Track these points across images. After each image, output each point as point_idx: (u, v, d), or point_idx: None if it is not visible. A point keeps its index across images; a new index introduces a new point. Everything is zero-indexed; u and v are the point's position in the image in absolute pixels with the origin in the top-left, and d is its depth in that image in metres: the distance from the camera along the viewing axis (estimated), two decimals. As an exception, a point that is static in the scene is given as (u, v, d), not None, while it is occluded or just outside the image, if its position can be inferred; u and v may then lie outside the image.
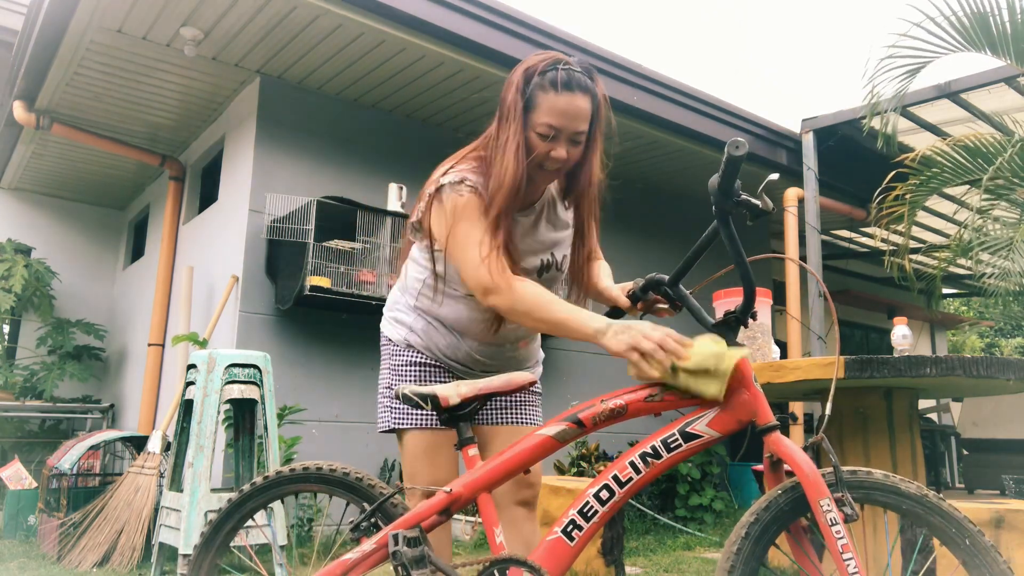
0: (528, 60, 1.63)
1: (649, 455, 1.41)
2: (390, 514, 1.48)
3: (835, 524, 1.29)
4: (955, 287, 10.89)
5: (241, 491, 1.55)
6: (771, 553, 1.64)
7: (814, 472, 1.33)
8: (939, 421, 7.93)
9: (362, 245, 4.43)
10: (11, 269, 5.99)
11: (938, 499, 1.34)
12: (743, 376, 1.42)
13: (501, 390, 1.51)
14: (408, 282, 1.81)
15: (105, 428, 6.18)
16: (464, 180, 1.61)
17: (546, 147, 1.59)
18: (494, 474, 1.45)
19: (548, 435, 1.44)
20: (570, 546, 1.39)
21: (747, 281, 1.44)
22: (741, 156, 1.29)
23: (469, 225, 1.58)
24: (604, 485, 1.40)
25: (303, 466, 1.55)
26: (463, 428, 1.50)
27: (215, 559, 1.54)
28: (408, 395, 1.49)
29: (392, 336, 1.82)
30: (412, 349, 1.79)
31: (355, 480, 1.52)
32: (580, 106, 1.58)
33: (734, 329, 1.47)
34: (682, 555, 4.19)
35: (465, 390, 1.48)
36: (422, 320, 1.78)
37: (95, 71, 4.66)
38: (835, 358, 1.84)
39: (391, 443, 4.78)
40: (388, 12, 4.04)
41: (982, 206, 4.64)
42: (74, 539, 3.55)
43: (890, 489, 1.34)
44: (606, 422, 1.44)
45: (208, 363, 3.12)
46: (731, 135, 5.67)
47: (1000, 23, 4.10)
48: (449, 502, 1.44)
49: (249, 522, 2.83)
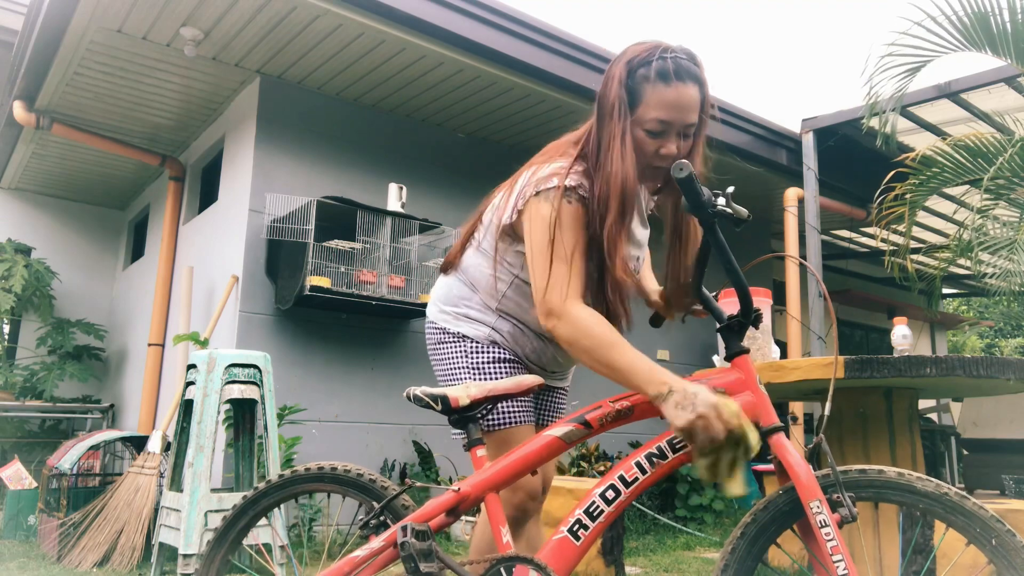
0: (628, 51, 1.52)
1: (655, 456, 1.42)
2: (398, 513, 1.50)
3: (824, 526, 1.29)
4: (955, 287, 10.89)
5: (256, 488, 1.58)
6: (771, 552, 1.64)
7: (807, 474, 1.33)
8: (939, 421, 7.92)
9: (362, 245, 4.44)
10: (11, 269, 5.99)
11: (960, 497, 1.28)
12: (748, 378, 1.43)
13: (511, 392, 1.52)
14: (484, 280, 1.70)
15: (105, 428, 6.18)
16: (579, 187, 1.50)
17: (656, 144, 1.50)
18: (502, 475, 1.45)
19: (555, 436, 1.45)
20: (576, 545, 1.40)
21: (740, 286, 1.44)
22: (682, 177, 1.32)
23: (566, 236, 1.47)
24: (610, 485, 1.41)
25: (318, 466, 1.58)
26: (472, 429, 1.51)
27: (227, 555, 1.58)
28: (419, 396, 1.50)
29: (471, 334, 1.71)
30: (497, 346, 1.71)
31: (368, 481, 1.55)
32: (691, 96, 1.48)
33: (739, 333, 1.47)
34: (682, 555, 4.19)
35: (475, 391, 1.49)
36: (507, 323, 1.71)
37: (95, 71, 4.66)
38: (835, 358, 1.85)
39: (391, 443, 4.78)
40: (388, 12, 4.04)
41: (982, 206, 4.64)
42: (74, 539, 3.55)
43: (904, 488, 1.31)
44: (613, 423, 1.45)
45: (208, 363, 3.12)
46: (732, 135, 5.67)
47: (1000, 23, 4.10)
48: (457, 501, 1.44)
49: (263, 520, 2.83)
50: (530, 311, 1.67)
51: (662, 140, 1.50)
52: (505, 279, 1.68)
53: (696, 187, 1.35)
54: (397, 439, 4.80)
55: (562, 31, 4.74)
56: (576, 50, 4.76)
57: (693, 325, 6.47)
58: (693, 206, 1.38)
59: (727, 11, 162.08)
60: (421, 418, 4.85)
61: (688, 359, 6.42)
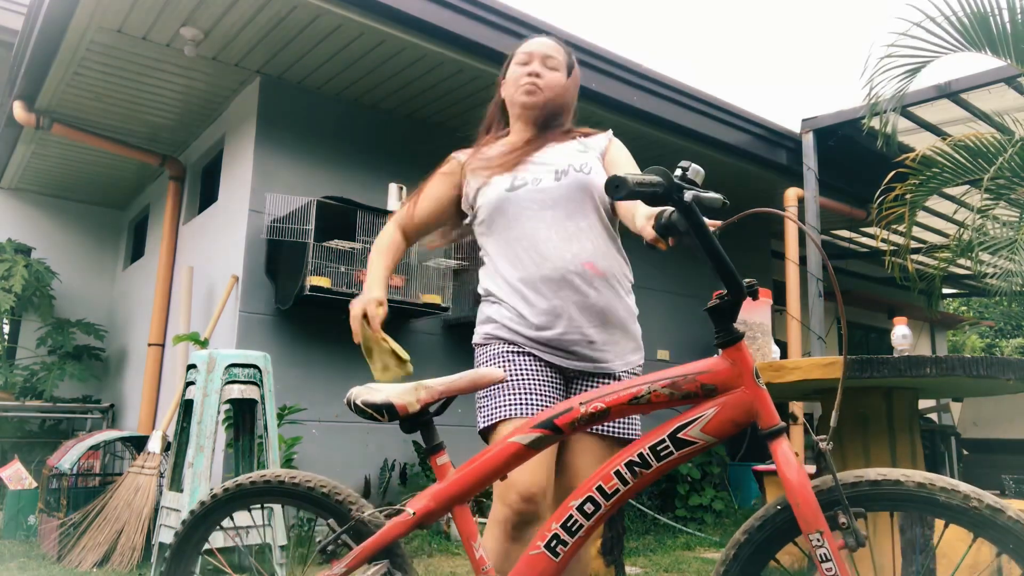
0: None
1: (637, 464, 1.27)
2: (360, 532, 1.38)
3: (826, 560, 1.15)
4: (955, 287, 10.89)
5: (202, 503, 1.49)
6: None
7: (807, 498, 1.17)
8: (939, 421, 7.92)
9: (362, 245, 4.43)
10: (11, 269, 5.98)
11: (992, 510, 1.12)
12: (742, 370, 1.26)
13: (467, 390, 1.40)
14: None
15: (105, 428, 6.18)
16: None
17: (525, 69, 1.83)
18: (463, 484, 1.35)
19: (521, 443, 1.32)
20: (554, 562, 1.28)
21: (722, 264, 1.22)
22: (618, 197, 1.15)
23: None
24: (588, 498, 1.28)
25: (263, 477, 1.45)
26: (428, 435, 1.40)
27: (188, 568, 1.51)
28: (360, 406, 1.38)
29: (476, 341, 1.79)
30: (495, 343, 1.71)
31: (321, 494, 1.41)
32: (546, 41, 1.88)
33: (731, 314, 1.27)
34: (682, 555, 4.19)
35: (424, 394, 1.37)
36: (492, 306, 1.76)
37: (95, 71, 4.66)
38: (836, 357, 1.84)
39: (391, 443, 4.78)
40: (388, 12, 4.04)
41: (982, 206, 4.64)
42: (74, 539, 3.55)
43: (926, 500, 1.16)
44: (586, 425, 1.31)
45: (208, 363, 3.12)
46: (732, 135, 5.67)
47: (1000, 23, 4.10)
48: (415, 524, 1.35)
49: (248, 522, 2.83)
50: (495, 276, 1.76)
51: (528, 66, 1.84)
52: (484, 271, 1.82)
53: (638, 196, 1.16)
54: (397, 439, 4.80)
55: (563, 32, 4.74)
56: (577, 50, 4.75)
57: (694, 325, 6.46)
58: (656, 201, 1.19)
59: (727, 11, 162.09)
60: (421, 418, 4.84)
61: (688, 359, 6.41)
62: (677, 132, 5.41)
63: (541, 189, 1.73)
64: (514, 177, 1.75)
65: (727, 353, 1.28)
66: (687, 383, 1.28)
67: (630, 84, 5.04)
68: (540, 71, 1.82)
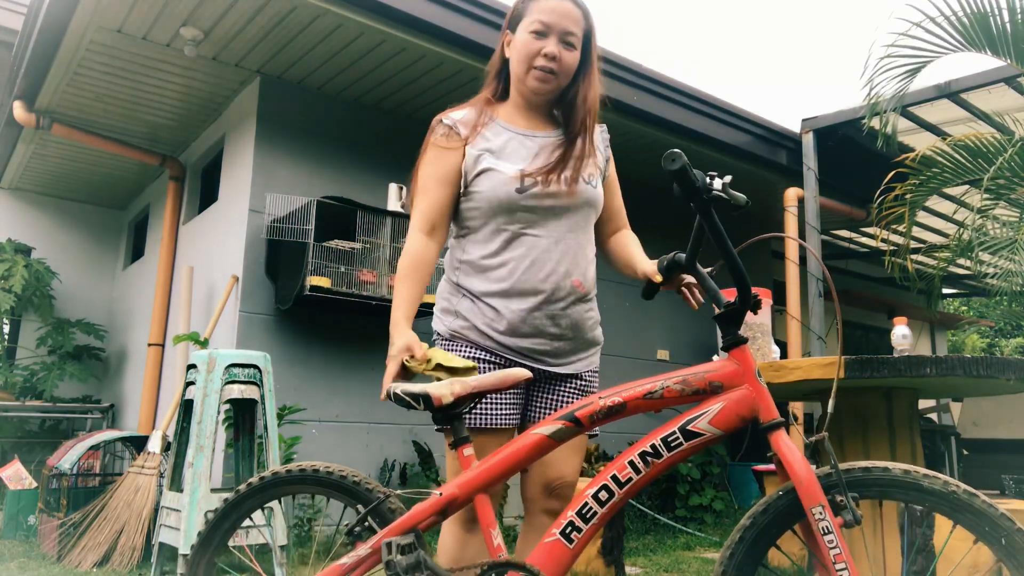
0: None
1: (649, 454, 1.38)
2: (385, 518, 1.46)
3: (827, 533, 1.26)
4: (955, 287, 10.88)
5: (238, 491, 1.54)
6: (770, 553, 1.63)
7: (809, 476, 1.30)
8: (939, 421, 7.92)
9: (362, 245, 4.43)
10: (11, 269, 5.98)
11: (968, 494, 1.25)
12: (745, 369, 1.40)
13: (495, 387, 1.47)
14: (447, 260, 1.76)
15: (105, 428, 6.18)
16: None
17: (539, 44, 1.64)
18: (489, 475, 1.43)
19: (544, 435, 1.42)
20: (569, 548, 1.37)
21: (736, 272, 1.40)
22: (674, 170, 1.30)
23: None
24: (603, 486, 1.38)
25: (299, 467, 1.53)
26: (458, 427, 1.47)
27: (212, 558, 1.55)
28: (399, 394, 1.44)
29: (438, 328, 1.71)
30: (458, 341, 1.67)
31: (352, 483, 1.50)
32: (569, 7, 1.65)
33: (736, 321, 1.44)
34: (682, 555, 4.19)
35: (459, 388, 1.44)
36: (466, 299, 1.68)
37: (95, 71, 4.66)
38: (836, 357, 1.84)
39: (391, 443, 4.78)
40: (388, 12, 4.04)
41: (982, 206, 4.64)
42: (74, 539, 3.55)
43: (911, 486, 1.28)
44: (604, 420, 1.42)
45: (208, 363, 3.12)
46: (732, 135, 5.67)
47: (1000, 23, 4.10)
48: (443, 505, 1.42)
49: (248, 522, 2.83)
50: (478, 275, 1.68)
51: (544, 41, 1.64)
52: (458, 242, 1.74)
53: (690, 176, 1.32)
54: (397, 439, 4.80)
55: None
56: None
57: (694, 326, 6.46)
58: (687, 194, 1.35)
59: (728, 11, 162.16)
60: (421, 418, 4.85)
61: (689, 359, 6.41)
62: (677, 132, 5.40)
63: (550, 194, 1.66)
64: (523, 173, 1.65)
65: (733, 354, 1.43)
66: (697, 380, 1.43)
67: (630, 84, 5.04)
68: (557, 52, 1.64)
